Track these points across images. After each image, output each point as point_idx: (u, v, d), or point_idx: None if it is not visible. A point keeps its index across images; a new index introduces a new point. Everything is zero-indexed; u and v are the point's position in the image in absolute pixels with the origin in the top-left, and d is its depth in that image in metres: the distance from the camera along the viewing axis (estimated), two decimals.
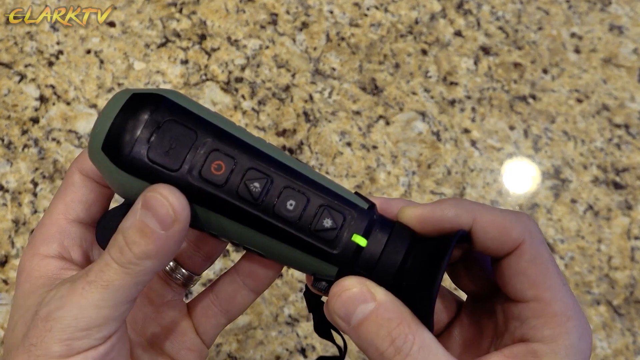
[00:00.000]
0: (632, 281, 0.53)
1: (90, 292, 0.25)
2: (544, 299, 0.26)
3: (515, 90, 0.61)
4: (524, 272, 0.26)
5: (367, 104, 0.59)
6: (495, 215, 0.26)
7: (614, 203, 0.56)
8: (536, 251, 0.26)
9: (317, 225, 0.26)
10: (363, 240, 0.26)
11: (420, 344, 0.24)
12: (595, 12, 0.66)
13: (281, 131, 0.58)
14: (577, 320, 0.25)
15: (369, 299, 0.25)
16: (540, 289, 0.26)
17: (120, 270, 0.25)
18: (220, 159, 0.26)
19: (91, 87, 0.59)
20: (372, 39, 0.63)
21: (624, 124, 0.60)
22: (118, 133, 0.26)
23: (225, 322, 0.33)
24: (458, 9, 0.65)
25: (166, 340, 0.32)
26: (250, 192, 0.26)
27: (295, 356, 0.50)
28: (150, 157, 0.26)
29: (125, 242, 0.25)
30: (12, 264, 0.51)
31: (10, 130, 0.56)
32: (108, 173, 0.26)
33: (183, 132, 0.26)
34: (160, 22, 0.62)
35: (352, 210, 0.26)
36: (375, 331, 0.24)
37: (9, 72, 0.59)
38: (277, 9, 0.64)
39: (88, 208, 0.29)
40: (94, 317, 0.25)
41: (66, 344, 0.25)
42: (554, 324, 0.25)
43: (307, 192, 0.26)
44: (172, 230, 0.25)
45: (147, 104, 0.26)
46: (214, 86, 0.59)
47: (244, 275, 0.32)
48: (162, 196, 0.25)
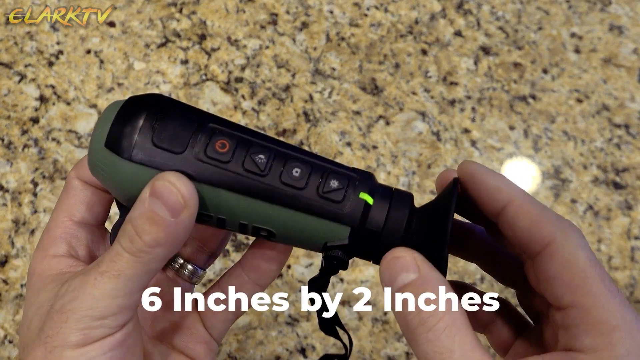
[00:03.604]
0: (632, 281, 0.53)
1: (103, 282, 0.25)
2: (583, 306, 0.24)
3: (515, 90, 0.61)
4: (558, 276, 0.25)
5: (367, 104, 0.59)
6: (534, 204, 0.26)
7: (614, 203, 0.56)
8: (570, 254, 0.25)
9: (324, 188, 0.26)
10: (370, 198, 0.27)
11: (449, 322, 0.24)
12: (595, 12, 0.66)
13: (281, 131, 0.58)
14: (626, 332, 0.23)
15: (413, 270, 0.25)
16: (578, 294, 0.24)
17: (132, 259, 0.25)
18: (223, 138, 0.27)
19: (91, 87, 0.59)
20: (372, 39, 0.63)
21: (624, 124, 0.60)
22: (121, 127, 0.26)
23: (233, 317, 0.33)
24: (458, 9, 0.65)
25: (174, 334, 0.33)
26: (256, 164, 0.26)
27: (295, 356, 0.50)
28: (155, 143, 0.26)
29: (135, 231, 0.25)
30: (12, 264, 0.51)
31: (10, 130, 0.56)
32: (113, 170, 0.27)
33: (184, 119, 0.27)
34: (160, 22, 0.62)
35: (354, 174, 0.27)
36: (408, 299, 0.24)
37: (9, 72, 0.59)
38: (277, 9, 0.64)
39: (91, 209, 0.30)
40: (108, 306, 0.25)
41: (83, 333, 0.25)
42: (595, 333, 0.23)
43: (310, 161, 0.27)
44: (181, 217, 0.25)
45: (145, 101, 0.27)
46: (214, 86, 0.59)
47: (248, 269, 0.32)
48: (170, 184, 0.25)
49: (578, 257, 0.25)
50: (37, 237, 0.52)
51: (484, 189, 0.26)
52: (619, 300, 0.24)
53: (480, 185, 0.26)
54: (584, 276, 0.24)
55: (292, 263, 0.52)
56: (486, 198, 0.26)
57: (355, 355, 0.50)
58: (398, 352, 0.50)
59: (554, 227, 0.25)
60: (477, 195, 0.27)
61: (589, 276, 0.24)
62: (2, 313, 0.49)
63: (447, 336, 0.23)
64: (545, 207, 0.26)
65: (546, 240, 0.25)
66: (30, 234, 0.52)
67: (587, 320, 0.24)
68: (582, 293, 0.24)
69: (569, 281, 0.24)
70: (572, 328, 0.24)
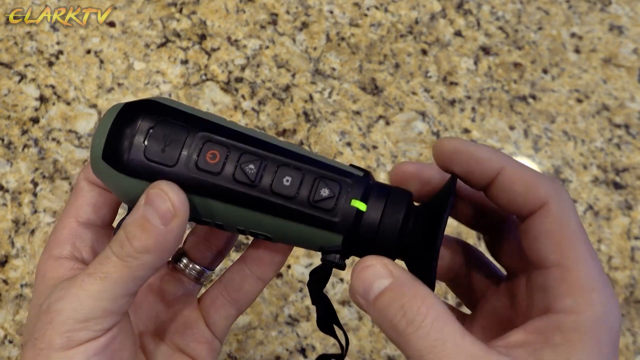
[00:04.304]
0: (632, 281, 0.53)
1: (89, 284, 0.25)
2: (567, 266, 0.25)
3: (515, 90, 0.61)
4: (548, 234, 0.25)
5: (367, 104, 0.59)
6: (525, 170, 0.26)
7: (614, 203, 0.56)
8: (563, 214, 0.25)
9: (315, 196, 0.26)
10: (362, 204, 0.26)
11: (434, 316, 0.24)
12: (595, 12, 0.66)
13: (281, 131, 0.58)
14: (603, 293, 0.24)
15: (386, 275, 0.25)
16: (565, 253, 0.25)
17: (119, 263, 0.25)
18: (214, 148, 0.27)
19: (91, 87, 0.59)
20: (372, 39, 0.63)
21: (624, 124, 0.60)
22: (115, 140, 0.27)
23: (234, 313, 0.33)
24: (458, 9, 0.65)
25: (177, 333, 0.33)
26: (246, 175, 0.26)
27: (295, 356, 0.50)
28: (148, 157, 0.26)
29: (126, 236, 0.26)
30: (12, 264, 0.51)
31: (10, 130, 0.56)
32: (112, 180, 0.27)
33: (175, 129, 0.27)
34: (160, 22, 0.62)
35: (347, 179, 0.27)
36: (389, 304, 0.25)
37: (9, 72, 0.59)
38: (277, 9, 0.64)
39: (97, 210, 0.30)
40: (92, 308, 0.25)
41: (66, 336, 0.25)
42: (576, 294, 0.24)
43: (301, 168, 0.27)
44: (171, 225, 0.25)
45: (138, 109, 0.27)
46: (214, 86, 0.59)
47: (250, 263, 0.32)
48: (162, 191, 0.25)
49: (570, 219, 0.25)
50: (37, 237, 0.52)
51: (473, 161, 0.26)
52: (599, 265, 0.25)
53: (469, 158, 0.26)
54: (573, 237, 0.25)
55: (292, 263, 0.52)
56: (476, 170, 0.26)
57: (355, 355, 0.50)
58: (398, 352, 0.50)
59: (549, 189, 0.25)
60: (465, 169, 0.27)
61: (577, 238, 0.25)
62: (2, 313, 0.49)
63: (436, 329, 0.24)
64: (535, 170, 0.26)
65: (542, 202, 0.25)
66: (30, 234, 0.52)
67: (570, 281, 0.24)
68: (568, 253, 0.25)
69: (559, 240, 0.25)
70: (553, 289, 0.25)
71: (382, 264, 0.25)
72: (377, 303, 0.25)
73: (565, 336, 0.24)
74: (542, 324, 0.25)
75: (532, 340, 0.24)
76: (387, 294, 0.25)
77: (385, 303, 0.25)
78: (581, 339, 0.23)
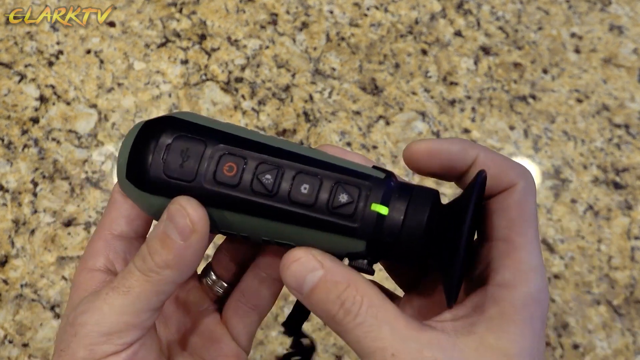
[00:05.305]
0: (632, 281, 0.53)
1: (112, 297, 0.26)
2: (515, 241, 0.26)
3: (515, 90, 0.61)
4: (506, 210, 0.26)
5: (367, 104, 0.59)
6: (497, 156, 0.27)
7: (614, 203, 0.56)
8: (525, 197, 0.26)
9: (334, 202, 0.26)
10: (383, 208, 0.26)
11: (369, 303, 0.24)
12: (595, 12, 0.66)
13: (281, 131, 0.58)
14: (540, 274, 0.25)
15: (317, 267, 0.25)
16: (514, 230, 0.26)
17: (142, 277, 0.26)
18: (230, 160, 0.27)
19: (91, 87, 0.59)
20: (372, 39, 0.63)
21: (624, 124, 0.60)
22: (136, 160, 0.27)
23: (257, 319, 0.33)
24: (458, 9, 0.65)
25: (204, 348, 0.33)
26: (264, 186, 0.26)
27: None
28: (167, 174, 0.27)
29: (148, 251, 0.26)
30: (12, 264, 0.51)
31: (10, 130, 0.56)
32: (137, 198, 0.28)
33: (192, 143, 0.27)
34: (160, 22, 0.62)
35: (366, 182, 0.26)
36: (325, 296, 0.25)
37: (9, 72, 0.59)
38: (277, 9, 0.64)
39: (131, 222, 0.30)
40: (114, 322, 0.26)
41: (89, 349, 0.25)
42: (516, 269, 0.25)
43: (319, 174, 0.26)
44: (190, 240, 0.25)
45: (156, 127, 0.28)
46: (214, 86, 0.59)
47: (265, 267, 0.32)
48: (181, 207, 0.26)
49: (529, 203, 0.27)
50: (37, 237, 0.52)
51: (447, 157, 0.27)
52: (540, 251, 0.26)
53: (444, 155, 0.27)
54: (527, 219, 0.26)
55: None
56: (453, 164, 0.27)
57: (355, 355, 0.50)
58: None
59: (519, 173, 0.27)
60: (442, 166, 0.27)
61: (530, 221, 0.26)
62: (2, 313, 0.49)
63: (371, 315, 0.24)
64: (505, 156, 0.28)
65: (511, 184, 0.27)
66: (30, 234, 0.52)
67: (513, 256, 0.26)
68: (518, 230, 0.26)
69: (514, 217, 0.26)
70: (495, 260, 0.26)
71: (311, 256, 0.26)
72: (313, 296, 0.25)
73: (500, 309, 0.25)
74: (478, 298, 0.26)
75: (467, 313, 0.25)
76: (322, 287, 0.25)
77: (322, 296, 0.25)
78: (516, 312, 0.24)
